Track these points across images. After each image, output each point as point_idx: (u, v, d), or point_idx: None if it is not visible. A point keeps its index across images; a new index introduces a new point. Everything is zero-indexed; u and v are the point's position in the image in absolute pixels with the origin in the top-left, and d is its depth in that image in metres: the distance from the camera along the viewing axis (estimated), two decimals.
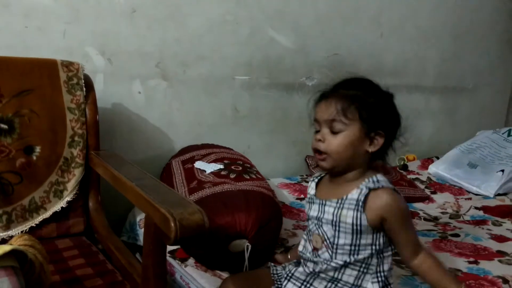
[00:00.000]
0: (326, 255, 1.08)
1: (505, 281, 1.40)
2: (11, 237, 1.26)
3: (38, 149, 1.45)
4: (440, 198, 2.35)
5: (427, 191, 2.40)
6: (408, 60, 2.82)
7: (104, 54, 1.83)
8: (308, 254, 1.13)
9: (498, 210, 2.16)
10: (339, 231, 1.07)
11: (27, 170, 1.43)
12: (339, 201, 1.06)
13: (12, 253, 0.83)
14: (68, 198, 1.49)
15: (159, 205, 0.95)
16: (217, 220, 1.32)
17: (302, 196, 2.12)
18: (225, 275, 1.34)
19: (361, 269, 1.07)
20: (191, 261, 1.42)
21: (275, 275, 1.19)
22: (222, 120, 2.19)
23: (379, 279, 1.07)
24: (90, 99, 1.56)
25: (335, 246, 1.07)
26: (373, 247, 1.06)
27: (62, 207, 1.48)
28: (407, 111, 2.62)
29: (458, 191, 2.45)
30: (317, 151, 1.08)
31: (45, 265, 0.96)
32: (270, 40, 2.26)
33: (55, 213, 1.47)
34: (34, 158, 1.45)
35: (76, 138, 1.51)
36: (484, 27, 3.19)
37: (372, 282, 1.07)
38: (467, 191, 2.45)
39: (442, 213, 2.14)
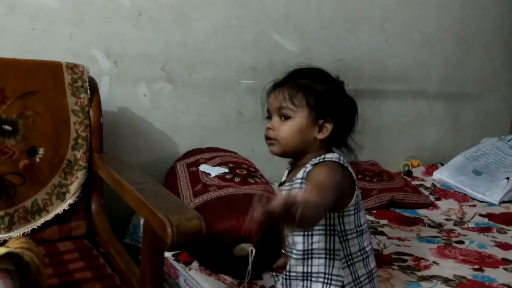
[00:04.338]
0: (291, 240, 1.09)
1: None
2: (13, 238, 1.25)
3: (41, 151, 1.45)
4: (445, 204, 2.33)
5: (432, 198, 2.38)
6: (412, 65, 2.81)
7: (110, 57, 1.83)
8: (290, 246, 1.12)
9: (503, 217, 2.14)
10: None
11: (30, 171, 1.43)
12: (291, 183, 1.08)
13: (8, 256, 0.82)
14: (70, 201, 1.48)
15: (157, 210, 0.95)
16: (222, 223, 1.31)
17: None
18: (229, 279, 1.34)
19: (327, 256, 1.06)
20: (195, 264, 1.41)
21: None
22: (227, 124, 2.19)
23: (349, 262, 1.07)
24: (95, 101, 1.55)
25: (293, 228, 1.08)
26: (328, 228, 1.05)
27: (64, 210, 1.47)
28: (412, 117, 2.62)
29: (463, 197, 2.43)
30: (267, 137, 1.11)
31: (42, 268, 0.96)
32: (275, 45, 2.25)
33: (57, 215, 1.46)
34: (37, 160, 1.44)
35: (79, 141, 1.51)
36: (488, 33, 3.18)
37: (343, 268, 1.06)
38: (471, 198, 2.44)
39: (447, 219, 2.13)
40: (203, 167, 1.66)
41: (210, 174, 1.60)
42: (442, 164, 2.78)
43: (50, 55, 1.61)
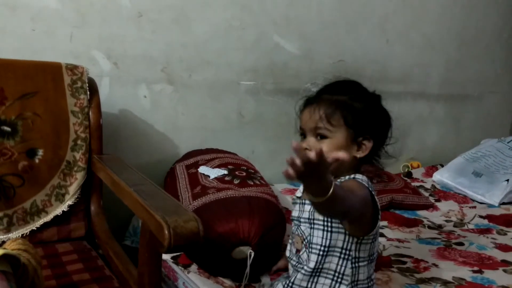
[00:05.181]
0: (305, 256, 1.07)
1: None
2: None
3: (40, 152, 1.45)
4: (444, 206, 2.33)
5: (431, 199, 2.38)
6: (413, 67, 2.81)
7: (110, 58, 1.83)
8: (293, 258, 1.12)
9: (503, 219, 2.14)
10: (313, 228, 1.05)
11: (29, 173, 1.43)
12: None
13: (5, 258, 0.82)
14: (69, 202, 1.48)
15: (154, 212, 0.95)
16: (221, 226, 1.31)
17: None
18: (228, 282, 1.34)
19: (335, 278, 1.05)
20: (194, 267, 1.41)
21: None
22: (227, 125, 2.19)
23: None
24: (94, 103, 1.55)
25: (311, 245, 1.06)
26: (343, 252, 1.04)
27: (63, 211, 1.47)
28: (412, 118, 2.62)
29: (463, 199, 2.43)
30: None
31: (39, 270, 0.95)
32: (275, 46, 2.25)
33: (56, 216, 1.46)
34: (37, 161, 1.44)
35: (79, 142, 1.51)
36: (489, 34, 3.18)
37: None
38: (471, 199, 2.43)
39: (446, 221, 2.13)
40: (202, 169, 1.66)
41: (209, 176, 1.60)
42: (442, 166, 2.78)
43: (50, 56, 1.61)
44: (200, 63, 2.05)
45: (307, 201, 1.09)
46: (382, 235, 1.84)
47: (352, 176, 1.04)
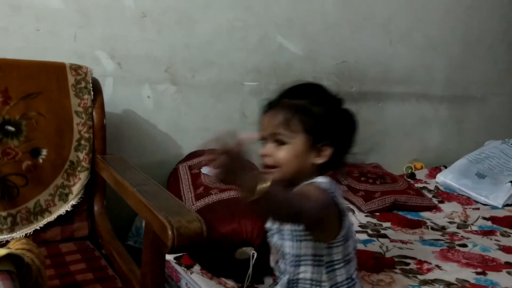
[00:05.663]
0: (283, 266, 1.06)
1: None
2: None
3: (44, 152, 1.45)
4: (448, 207, 2.32)
5: (435, 200, 2.38)
6: (416, 68, 2.81)
7: (114, 58, 1.83)
8: (275, 268, 1.10)
9: (506, 220, 2.13)
10: (284, 239, 1.04)
11: (33, 172, 1.43)
12: None
13: (9, 257, 0.82)
14: (73, 202, 1.49)
15: (158, 212, 0.95)
16: (223, 227, 1.31)
17: None
18: (230, 283, 1.34)
19: (313, 286, 1.03)
20: (196, 268, 1.41)
21: None
22: (230, 126, 2.18)
23: None
24: (98, 103, 1.56)
25: (284, 256, 1.04)
26: (315, 259, 1.02)
27: (66, 211, 1.48)
28: (415, 119, 2.61)
29: (466, 200, 2.42)
30: (265, 165, 1.03)
31: (43, 270, 0.96)
32: (278, 47, 2.25)
33: (59, 216, 1.47)
34: (40, 161, 1.45)
35: (82, 142, 1.51)
36: (493, 36, 3.17)
37: None
38: (475, 201, 2.43)
39: (450, 222, 2.12)
40: (205, 170, 1.66)
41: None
42: (446, 167, 2.77)
43: (54, 56, 1.61)
44: (204, 63, 2.05)
45: None
46: (385, 236, 1.83)
47: (313, 180, 1.00)
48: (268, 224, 1.10)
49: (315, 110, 1.02)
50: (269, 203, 0.80)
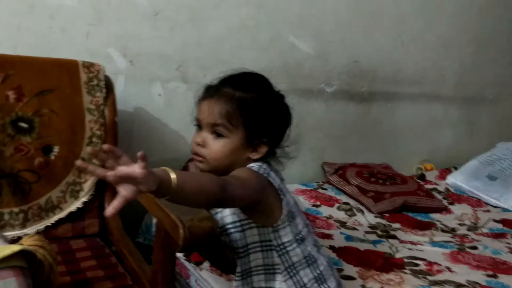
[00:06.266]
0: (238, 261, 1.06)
1: None
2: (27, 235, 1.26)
3: (56, 149, 1.46)
4: (458, 209, 2.31)
5: (445, 202, 2.36)
6: (428, 68, 2.79)
7: (126, 56, 1.84)
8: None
9: None
10: (229, 234, 1.04)
11: (45, 169, 1.44)
12: None
13: (21, 253, 0.83)
14: (84, 199, 1.49)
15: (170, 210, 0.95)
16: None
17: (318, 202, 2.11)
18: None
19: (267, 272, 1.03)
20: (206, 264, 1.41)
21: None
22: None
23: (292, 273, 1.03)
24: (110, 100, 1.56)
25: (237, 250, 1.04)
26: (263, 244, 1.02)
27: (78, 208, 1.48)
28: (426, 120, 2.60)
29: (477, 202, 2.41)
30: (195, 153, 1.03)
31: (54, 266, 0.96)
32: (290, 46, 2.25)
33: (70, 213, 1.47)
34: (52, 157, 1.46)
35: (94, 139, 1.52)
36: (505, 37, 3.14)
37: (285, 280, 1.03)
38: (485, 203, 2.41)
39: (460, 224, 2.11)
40: None
41: None
42: (456, 168, 2.75)
43: (67, 54, 1.62)
44: (215, 62, 2.05)
45: (217, 210, 1.06)
46: (394, 237, 1.83)
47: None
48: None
49: (258, 107, 1.01)
50: (180, 197, 0.80)
